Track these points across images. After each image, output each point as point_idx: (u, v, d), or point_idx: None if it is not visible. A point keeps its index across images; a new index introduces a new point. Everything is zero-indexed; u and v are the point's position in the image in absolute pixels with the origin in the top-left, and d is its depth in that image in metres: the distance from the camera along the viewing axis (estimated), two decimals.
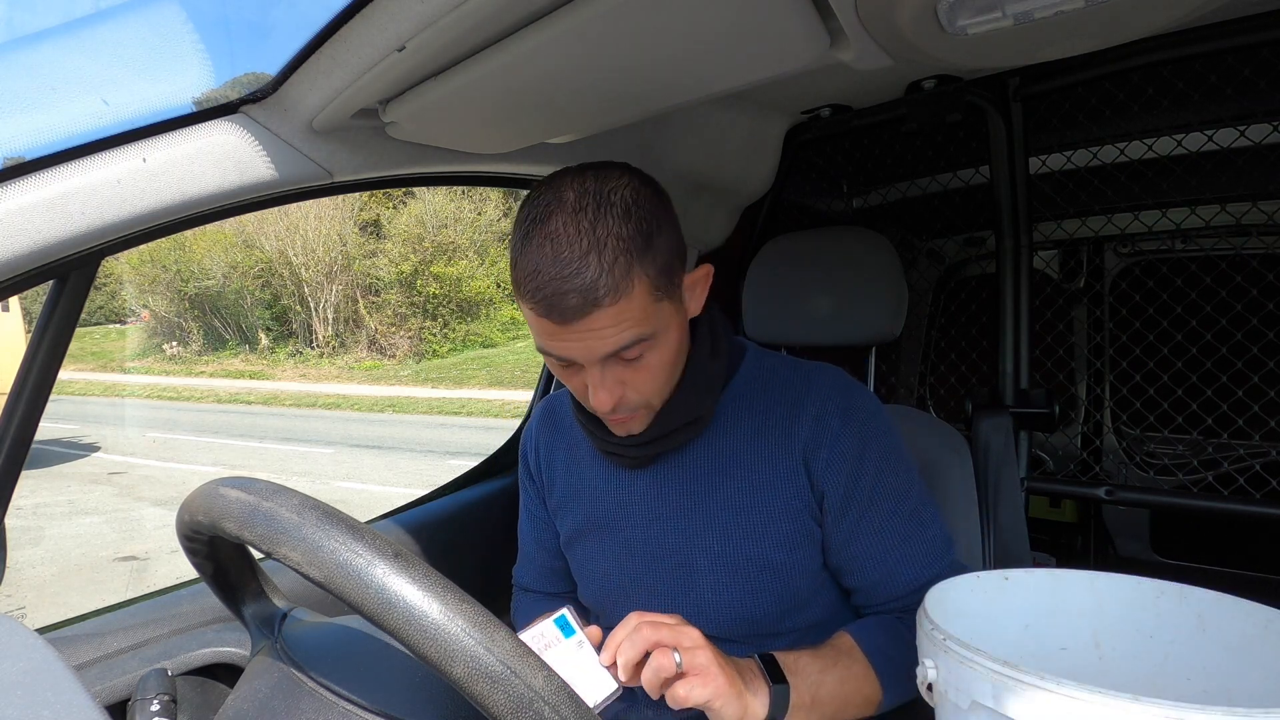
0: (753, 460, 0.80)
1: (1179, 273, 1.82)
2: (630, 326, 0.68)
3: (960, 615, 0.61)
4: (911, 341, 2.18)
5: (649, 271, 0.68)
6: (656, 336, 0.71)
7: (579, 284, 0.64)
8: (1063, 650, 0.66)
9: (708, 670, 0.62)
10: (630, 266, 0.66)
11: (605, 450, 0.85)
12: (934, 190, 1.76)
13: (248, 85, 0.77)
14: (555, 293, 0.65)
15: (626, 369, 0.72)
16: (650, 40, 0.68)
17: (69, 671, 0.46)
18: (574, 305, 0.65)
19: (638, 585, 0.85)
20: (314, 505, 0.44)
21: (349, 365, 16.22)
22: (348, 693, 0.50)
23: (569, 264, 0.64)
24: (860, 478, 0.78)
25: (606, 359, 0.70)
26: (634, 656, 0.62)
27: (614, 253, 0.65)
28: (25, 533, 5.43)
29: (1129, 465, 1.94)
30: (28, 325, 8.64)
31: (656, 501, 0.84)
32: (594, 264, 0.64)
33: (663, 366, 0.74)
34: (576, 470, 0.92)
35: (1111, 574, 0.66)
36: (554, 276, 0.65)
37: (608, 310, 0.66)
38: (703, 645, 0.63)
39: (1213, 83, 1.28)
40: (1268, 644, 0.56)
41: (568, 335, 0.68)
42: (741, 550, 0.80)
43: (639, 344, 0.70)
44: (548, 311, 0.67)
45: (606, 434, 0.81)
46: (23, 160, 0.68)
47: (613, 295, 0.65)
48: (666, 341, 0.73)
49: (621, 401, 0.73)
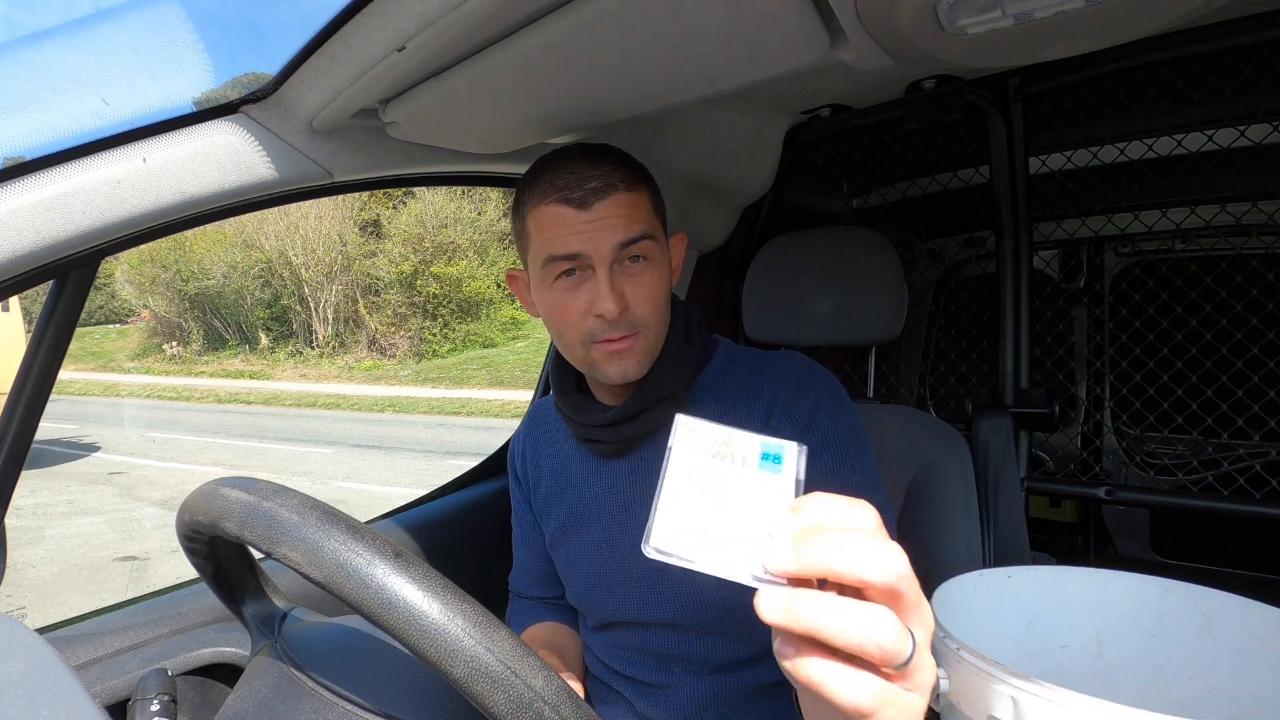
0: None
1: (1179, 273, 1.82)
2: (641, 220, 0.76)
3: (964, 614, 0.60)
4: (911, 341, 2.18)
5: (650, 191, 0.79)
6: (657, 246, 0.78)
7: (599, 171, 0.74)
8: (1064, 648, 0.66)
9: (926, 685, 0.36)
10: (637, 174, 0.78)
11: (581, 436, 0.86)
12: (934, 190, 1.76)
13: (248, 85, 0.77)
14: (577, 180, 0.74)
15: (630, 281, 0.76)
16: (650, 40, 0.68)
17: (69, 671, 0.46)
18: (595, 188, 0.73)
19: (616, 578, 0.86)
20: (314, 505, 0.44)
21: (349, 365, 16.22)
22: (348, 693, 0.50)
23: (587, 160, 0.75)
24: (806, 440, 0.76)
25: (616, 258, 0.75)
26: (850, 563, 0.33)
27: (624, 162, 0.78)
28: (25, 533, 5.43)
29: (1129, 465, 1.94)
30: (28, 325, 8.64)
31: (629, 492, 0.85)
32: (609, 160, 0.76)
33: (660, 291, 0.78)
34: (561, 469, 0.93)
35: (1116, 571, 0.66)
36: (575, 169, 0.74)
37: (623, 196, 0.75)
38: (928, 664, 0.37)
39: (1213, 83, 1.28)
40: (1274, 645, 0.56)
41: (585, 224, 0.73)
42: None
43: (646, 241, 0.76)
44: (568, 200, 0.74)
45: (586, 416, 0.83)
46: (23, 160, 0.68)
47: (628, 184, 0.75)
48: (663, 268, 0.79)
49: (626, 314, 0.75)
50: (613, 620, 0.88)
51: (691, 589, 0.81)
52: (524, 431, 1.01)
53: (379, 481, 7.21)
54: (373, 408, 12.72)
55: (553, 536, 0.93)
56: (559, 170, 0.75)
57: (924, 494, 1.00)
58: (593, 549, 0.88)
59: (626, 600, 0.85)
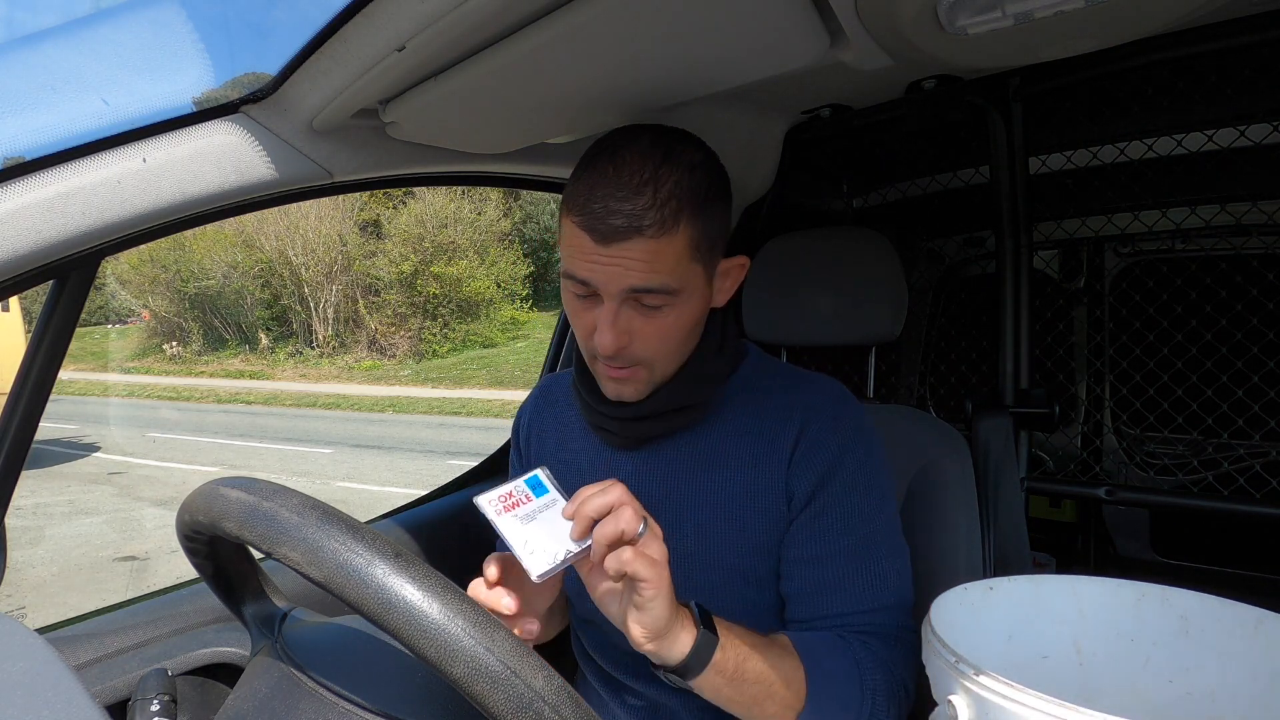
0: (739, 460, 0.79)
1: (1179, 273, 1.82)
2: (662, 272, 0.68)
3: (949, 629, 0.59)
4: (911, 341, 2.18)
5: (695, 227, 0.70)
6: (679, 296, 0.71)
7: (629, 208, 0.66)
8: (1044, 659, 0.66)
9: (660, 561, 0.60)
10: (680, 213, 0.68)
11: (594, 423, 0.84)
12: (934, 190, 1.76)
13: (248, 85, 0.77)
14: (605, 210, 0.67)
15: (640, 318, 0.71)
16: (650, 40, 0.68)
17: (69, 671, 0.46)
18: (618, 226, 0.66)
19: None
20: (314, 505, 0.44)
21: (349, 365, 16.22)
22: (348, 693, 0.50)
23: (625, 187, 0.67)
24: (827, 483, 0.76)
25: (626, 297, 0.70)
26: (601, 508, 0.59)
27: (670, 194, 0.67)
28: (25, 533, 5.43)
29: (1129, 465, 1.94)
30: (28, 325, 8.64)
31: (637, 487, 0.82)
32: (649, 195, 0.67)
33: (675, 331, 0.73)
34: (565, 449, 0.91)
35: (1092, 578, 0.66)
36: (608, 195, 0.67)
37: (648, 243, 0.67)
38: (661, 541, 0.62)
39: (1213, 83, 1.28)
40: (1255, 644, 0.56)
41: (600, 257, 0.68)
42: (713, 550, 0.78)
43: (661, 294, 0.70)
44: (590, 228, 0.68)
45: (599, 401, 0.81)
46: (23, 160, 0.68)
47: (657, 229, 0.67)
48: (687, 308, 0.73)
49: (624, 351, 0.72)
50: (592, 619, 0.86)
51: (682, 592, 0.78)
52: (532, 403, 0.99)
53: (379, 481, 7.22)
54: (373, 408, 12.72)
55: None
56: (595, 188, 0.68)
57: (924, 494, 1.00)
58: None
59: None
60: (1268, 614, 0.56)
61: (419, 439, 9.71)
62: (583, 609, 0.89)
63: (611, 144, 0.71)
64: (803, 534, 0.77)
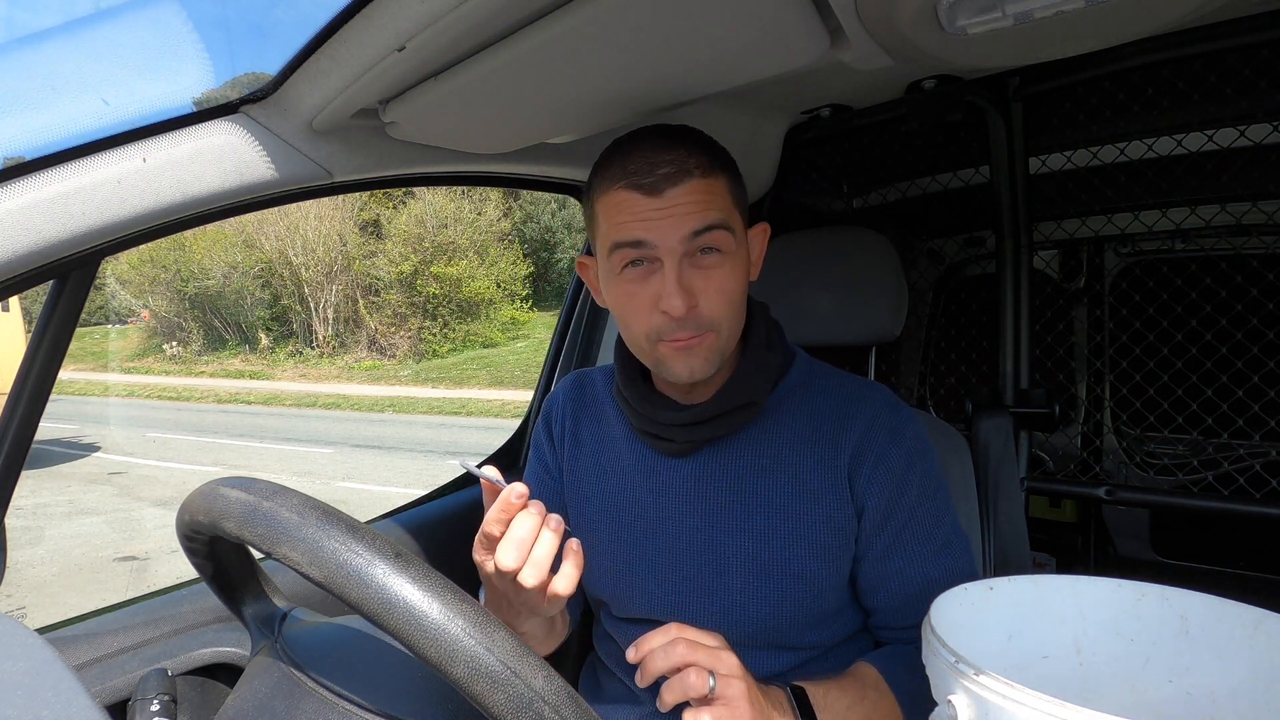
0: (798, 464, 0.79)
1: (1179, 273, 1.82)
2: (715, 209, 0.71)
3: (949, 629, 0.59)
4: (911, 341, 2.18)
5: (729, 176, 0.74)
6: (734, 240, 0.73)
7: (673, 155, 0.70)
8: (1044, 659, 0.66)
9: (738, 703, 0.61)
10: (713, 161, 0.73)
11: (648, 431, 0.82)
12: (934, 190, 1.76)
13: (248, 85, 0.77)
14: (649, 164, 0.70)
15: (700, 275, 0.72)
16: (650, 40, 0.68)
17: (69, 671, 0.46)
18: (667, 173, 0.69)
19: (661, 578, 0.82)
20: (314, 505, 0.44)
21: (349, 365, 16.22)
22: (348, 693, 0.50)
23: (663, 142, 0.71)
24: (902, 498, 0.77)
25: (687, 251, 0.71)
26: (664, 669, 0.61)
27: (704, 144, 0.73)
28: (25, 533, 5.43)
29: (1129, 465, 1.94)
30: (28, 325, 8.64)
31: (694, 493, 0.81)
32: (685, 144, 0.71)
33: (734, 288, 0.74)
34: (607, 450, 0.89)
35: (1092, 578, 0.66)
36: (648, 153, 0.70)
37: (698, 183, 0.70)
38: (739, 675, 0.62)
39: (1213, 83, 1.28)
40: (1255, 644, 0.56)
41: (654, 211, 0.70)
42: (777, 555, 0.78)
43: (721, 232, 0.71)
44: (638, 185, 0.70)
45: (656, 413, 0.80)
46: (23, 160, 0.68)
47: (703, 170, 0.71)
48: (739, 263, 0.75)
49: (694, 312, 0.71)
50: (645, 617, 0.85)
51: (741, 601, 0.79)
52: (565, 394, 0.95)
53: (379, 481, 7.21)
54: (373, 408, 12.72)
55: (588, 519, 0.89)
56: (632, 153, 0.71)
57: None
58: (635, 545, 0.84)
59: (669, 599, 0.82)
60: (1268, 614, 0.56)
61: (419, 439, 9.71)
62: (628, 610, 0.87)
63: (626, 137, 0.74)
64: (884, 549, 0.78)
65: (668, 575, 0.83)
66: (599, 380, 0.95)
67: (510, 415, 11.19)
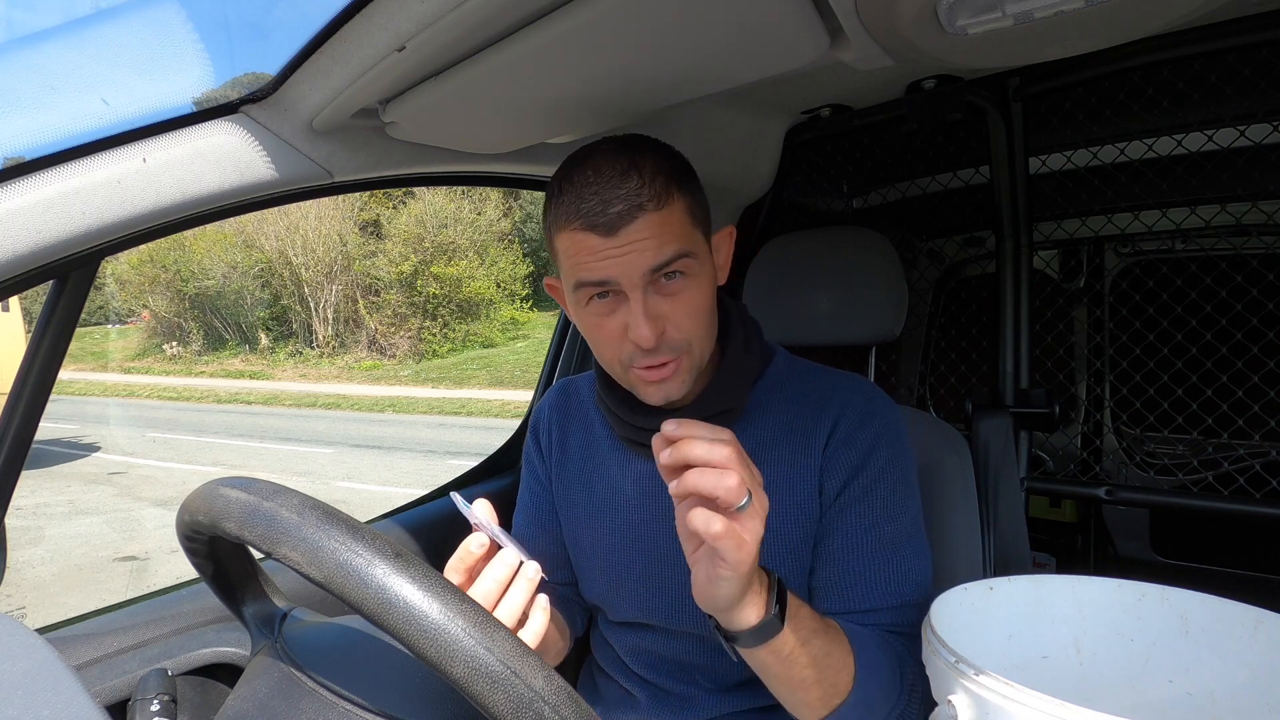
0: (775, 459, 0.80)
1: (1179, 273, 1.82)
2: (672, 240, 0.69)
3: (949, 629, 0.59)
4: (911, 341, 2.18)
5: (687, 195, 0.72)
6: (695, 262, 0.72)
7: (623, 192, 0.68)
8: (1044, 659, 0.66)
9: (751, 540, 0.55)
10: (669, 184, 0.70)
11: (630, 438, 0.83)
12: (934, 190, 1.76)
13: (248, 85, 0.77)
14: (601, 202, 0.68)
15: (667, 301, 0.71)
16: (650, 40, 0.68)
17: (69, 671, 0.46)
18: (619, 211, 0.68)
19: (651, 582, 0.83)
20: (314, 505, 0.44)
21: (349, 365, 16.22)
22: (348, 693, 0.50)
23: (612, 178, 0.68)
24: (857, 477, 0.77)
25: (650, 281, 0.70)
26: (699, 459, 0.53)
27: (652, 171, 0.69)
28: (25, 533, 5.43)
29: (1129, 465, 1.94)
30: (28, 325, 8.64)
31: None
32: (635, 177, 0.68)
33: (700, 306, 0.73)
34: (592, 455, 0.90)
35: (1092, 578, 0.66)
36: (598, 190, 0.68)
37: (652, 217, 0.68)
38: (763, 519, 0.56)
39: (1213, 83, 1.28)
40: (1255, 644, 0.56)
41: (612, 249, 0.69)
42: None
43: (682, 259, 0.70)
44: (593, 225, 0.68)
45: (636, 419, 0.80)
46: (23, 160, 0.68)
47: (655, 202, 0.68)
48: (704, 280, 0.74)
49: (664, 338, 0.71)
50: (639, 621, 0.86)
51: None
52: (551, 405, 0.97)
53: (379, 481, 7.21)
54: (373, 408, 12.72)
55: (576, 524, 0.90)
56: (583, 190, 0.69)
57: (924, 494, 1.00)
58: (618, 545, 0.85)
59: (659, 604, 0.83)
60: (1267, 614, 0.56)
61: (419, 439, 9.71)
62: (621, 614, 0.88)
63: (578, 157, 0.72)
64: (829, 526, 0.78)
65: (657, 580, 0.83)
66: (584, 388, 0.95)
67: (510, 415, 11.19)
